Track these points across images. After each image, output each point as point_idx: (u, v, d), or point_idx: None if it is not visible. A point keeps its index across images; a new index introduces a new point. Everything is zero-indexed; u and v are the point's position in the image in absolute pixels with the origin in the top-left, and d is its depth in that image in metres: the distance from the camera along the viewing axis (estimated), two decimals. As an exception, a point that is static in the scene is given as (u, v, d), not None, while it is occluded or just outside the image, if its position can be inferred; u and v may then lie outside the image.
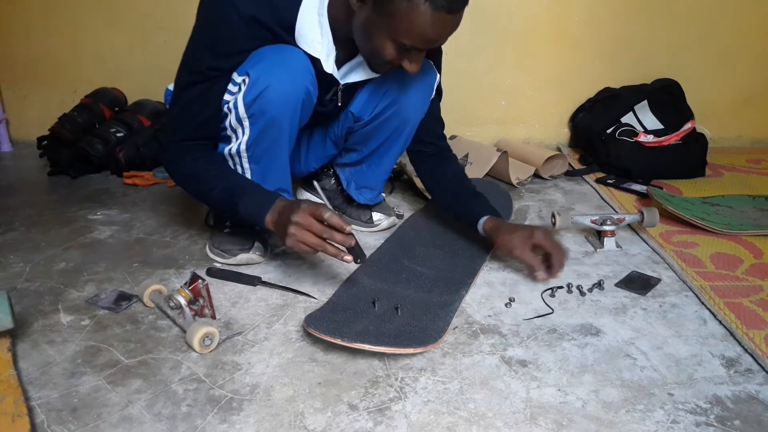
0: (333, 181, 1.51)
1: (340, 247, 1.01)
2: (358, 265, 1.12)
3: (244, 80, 1.07)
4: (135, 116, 1.91)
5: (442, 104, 1.37)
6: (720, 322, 1.07)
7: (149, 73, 2.03)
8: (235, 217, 1.22)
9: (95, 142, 1.81)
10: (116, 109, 1.97)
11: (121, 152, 1.81)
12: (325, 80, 1.15)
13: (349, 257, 1.01)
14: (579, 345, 1.00)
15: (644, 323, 1.06)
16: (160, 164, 1.80)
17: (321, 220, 1.00)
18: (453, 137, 1.94)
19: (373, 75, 1.19)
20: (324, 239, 1.00)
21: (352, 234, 1.01)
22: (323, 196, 1.52)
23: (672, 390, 0.89)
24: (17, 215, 1.52)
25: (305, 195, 1.55)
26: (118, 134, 1.84)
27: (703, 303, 1.13)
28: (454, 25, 1.01)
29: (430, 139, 1.35)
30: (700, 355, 0.97)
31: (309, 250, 1.01)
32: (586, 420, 0.83)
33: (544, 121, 2.19)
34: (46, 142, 1.86)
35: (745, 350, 0.98)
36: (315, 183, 1.52)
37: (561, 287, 1.17)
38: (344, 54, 1.15)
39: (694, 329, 1.05)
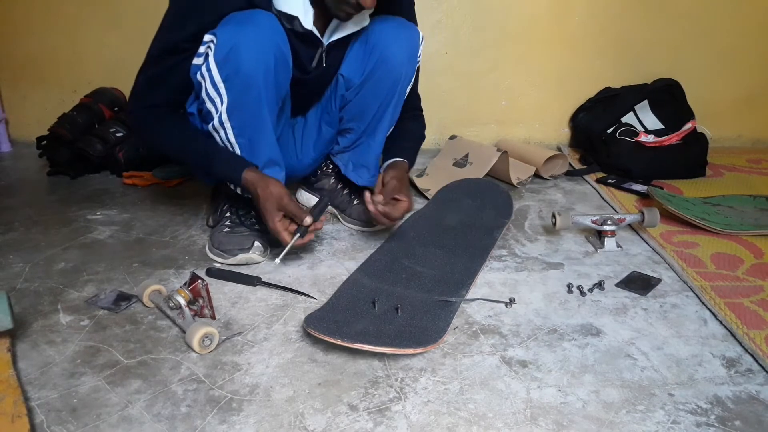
0: (333, 181, 1.51)
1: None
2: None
3: (212, 40, 1.09)
4: (135, 116, 1.91)
5: (442, 103, 1.37)
6: (720, 322, 1.06)
7: (149, 73, 2.03)
8: (212, 176, 1.30)
9: (95, 142, 1.81)
10: (116, 108, 1.97)
11: (121, 152, 1.81)
12: (308, 45, 1.20)
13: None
14: (579, 345, 1.00)
15: (645, 323, 1.06)
16: (160, 164, 1.81)
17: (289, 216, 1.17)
18: (453, 137, 1.94)
19: (354, 29, 1.23)
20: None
21: (309, 219, 1.16)
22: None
23: (672, 390, 0.89)
24: (17, 215, 1.52)
25: (305, 195, 1.54)
26: (118, 134, 1.84)
27: (703, 303, 1.13)
28: None
29: (405, 109, 1.39)
30: (700, 356, 0.97)
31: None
32: (587, 420, 0.83)
33: (545, 121, 2.19)
34: (45, 142, 1.86)
35: (746, 350, 0.98)
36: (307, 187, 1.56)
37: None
38: (324, 20, 1.20)
39: (695, 329, 1.05)
